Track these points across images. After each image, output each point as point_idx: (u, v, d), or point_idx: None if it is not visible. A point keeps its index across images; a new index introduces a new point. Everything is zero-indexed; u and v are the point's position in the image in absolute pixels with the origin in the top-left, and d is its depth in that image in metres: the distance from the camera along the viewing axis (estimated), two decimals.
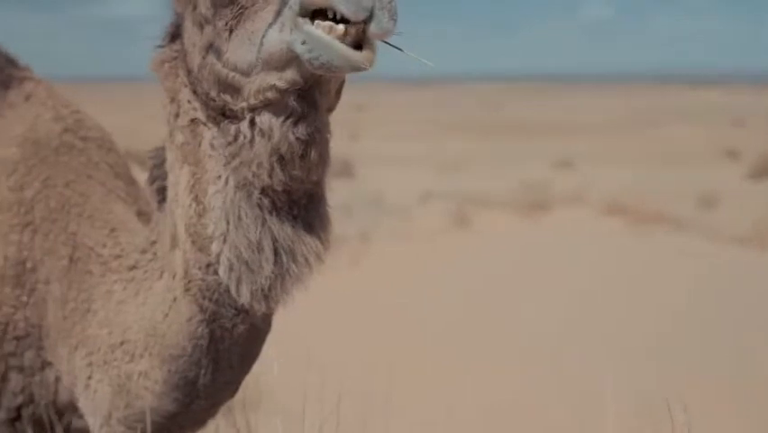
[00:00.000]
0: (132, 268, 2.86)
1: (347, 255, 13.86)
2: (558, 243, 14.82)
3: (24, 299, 3.01)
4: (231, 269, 2.40)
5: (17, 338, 3.00)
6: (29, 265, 3.04)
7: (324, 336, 10.35)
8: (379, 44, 2.17)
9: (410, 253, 13.89)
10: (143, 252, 2.85)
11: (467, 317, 11.06)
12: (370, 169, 27.25)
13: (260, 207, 2.36)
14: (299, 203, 2.40)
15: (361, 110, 73.69)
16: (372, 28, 2.07)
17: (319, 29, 2.09)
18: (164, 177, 2.69)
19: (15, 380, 3.01)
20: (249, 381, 2.88)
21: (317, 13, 2.10)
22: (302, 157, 2.29)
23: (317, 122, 2.30)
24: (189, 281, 2.57)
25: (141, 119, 27.93)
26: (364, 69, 2.12)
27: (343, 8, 2.04)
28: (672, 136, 42.04)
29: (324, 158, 2.38)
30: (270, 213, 2.37)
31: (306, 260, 2.40)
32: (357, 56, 2.09)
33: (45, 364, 3.01)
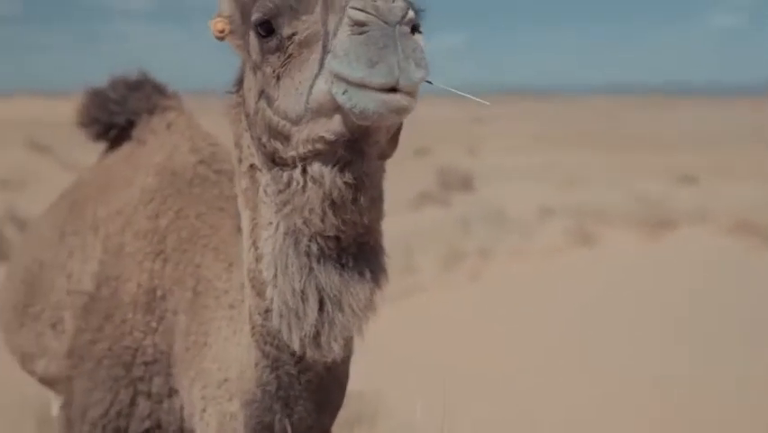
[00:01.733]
0: (232, 306, 2.89)
1: (467, 271, 13.85)
2: (682, 261, 14.45)
3: (154, 325, 3.10)
4: (281, 315, 2.40)
5: (146, 364, 3.09)
6: (159, 293, 3.13)
7: (443, 350, 10.39)
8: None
9: (530, 270, 13.77)
10: (241, 290, 2.85)
11: (589, 336, 10.90)
12: (489, 182, 27.12)
13: (307, 254, 2.35)
14: (348, 251, 2.37)
15: (480, 123, 73.54)
16: (402, 83, 2.02)
17: None
18: None
19: (143, 405, 3.08)
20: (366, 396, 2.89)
21: None
22: (353, 201, 2.28)
23: (365, 167, 2.26)
24: (253, 327, 2.60)
25: None
26: (403, 111, 2.08)
27: (376, 77, 2.01)
28: None
29: (375, 203, 2.38)
30: (318, 261, 2.35)
31: (353, 310, 2.37)
32: (393, 99, 2.04)
33: (172, 392, 3.08)
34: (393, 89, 2.04)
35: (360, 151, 2.23)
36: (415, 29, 2.11)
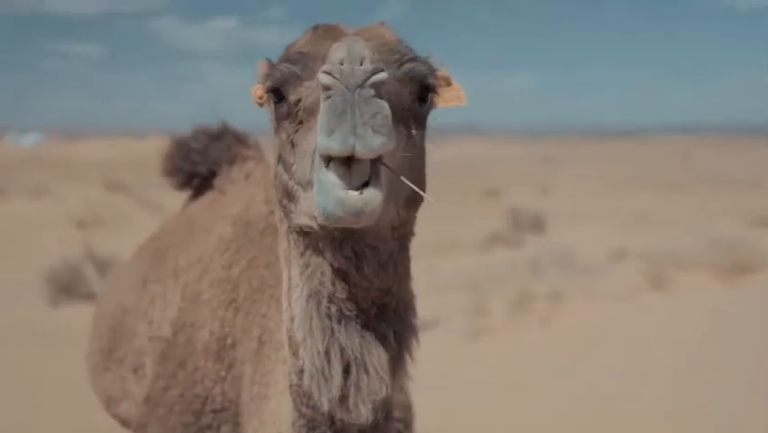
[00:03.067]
0: (285, 361, 2.84)
1: (538, 314, 13.75)
2: (762, 307, 14.11)
3: (223, 373, 3.15)
4: (311, 376, 2.38)
5: (215, 412, 3.13)
6: (229, 342, 3.18)
7: (513, 395, 10.31)
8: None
9: (602, 314, 13.61)
10: None
11: (664, 383, 10.71)
12: (561, 224, 26.93)
13: (328, 316, 2.33)
14: (369, 313, 2.36)
15: (552, 163, 73.11)
16: (358, 150, 1.93)
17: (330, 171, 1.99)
18: None
19: None
20: None
21: None
22: (357, 270, 2.28)
23: (366, 240, 2.26)
24: (290, 385, 2.59)
25: None
26: (361, 215, 1.98)
27: (332, 144, 1.93)
28: None
29: (386, 268, 2.35)
30: (339, 322, 2.34)
31: (378, 373, 2.34)
32: (350, 199, 1.96)
33: None
34: (365, 184, 1.97)
35: (351, 231, 2.22)
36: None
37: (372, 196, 1.97)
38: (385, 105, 1.97)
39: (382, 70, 2.00)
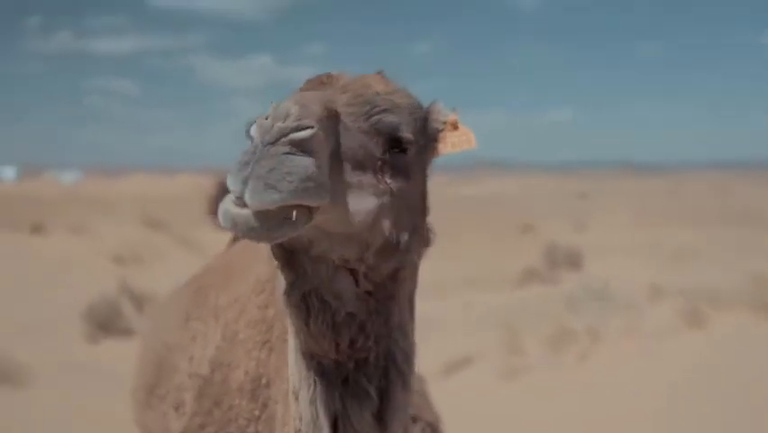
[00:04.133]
0: None
1: (575, 351, 13.66)
2: None
3: (257, 413, 3.13)
4: (306, 424, 2.44)
5: None
6: (264, 381, 3.16)
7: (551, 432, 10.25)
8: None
9: (640, 352, 13.49)
10: None
11: (704, 422, 10.58)
12: (597, 259, 26.80)
13: (310, 368, 2.40)
14: (346, 367, 2.39)
15: (587, 198, 72.84)
16: (246, 197, 2.02)
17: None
18: None
19: None
20: None
21: None
22: (306, 324, 2.34)
23: (316, 292, 2.31)
24: (295, 430, 2.59)
25: None
26: (243, 227, 2.05)
27: (229, 184, 2.05)
28: None
29: (344, 324, 2.35)
30: (320, 375, 2.39)
31: (363, 427, 2.38)
32: (230, 211, 2.05)
33: None
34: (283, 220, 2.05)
35: (294, 266, 2.31)
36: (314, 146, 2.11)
37: (246, 216, 2.03)
38: (300, 161, 2.04)
39: (306, 128, 2.07)
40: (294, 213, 2.05)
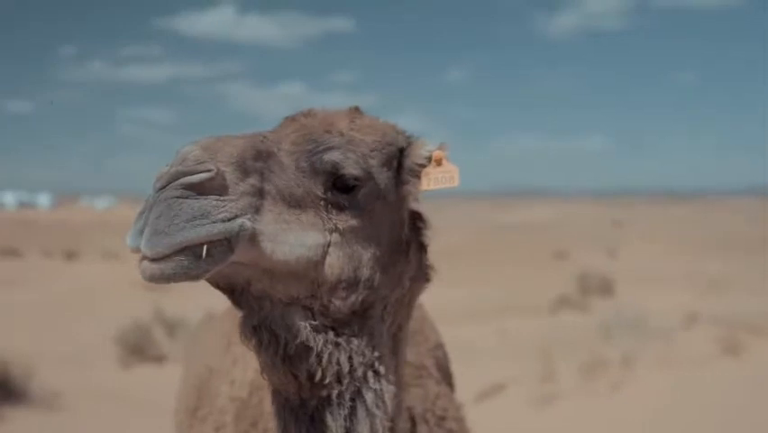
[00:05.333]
0: None
1: (607, 380, 13.53)
2: None
3: None
4: None
5: None
6: None
7: None
8: None
9: (675, 380, 13.33)
10: None
11: None
12: (630, 287, 26.62)
13: (279, 403, 2.40)
14: (309, 405, 2.37)
15: (620, 226, 72.46)
16: (142, 247, 2.05)
17: None
18: None
19: None
20: None
21: None
22: (259, 356, 2.34)
23: (265, 324, 2.29)
24: None
25: None
26: (158, 279, 2.07)
27: (126, 242, 2.08)
28: None
29: (299, 359, 2.32)
30: (288, 411, 2.38)
31: None
32: (142, 267, 2.07)
33: None
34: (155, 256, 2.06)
35: (240, 301, 2.30)
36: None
37: (153, 268, 2.06)
38: (190, 204, 2.06)
39: (201, 171, 2.08)
40: (204, 250, 2.06)
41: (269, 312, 2.29)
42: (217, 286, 2.28)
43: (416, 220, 2.60)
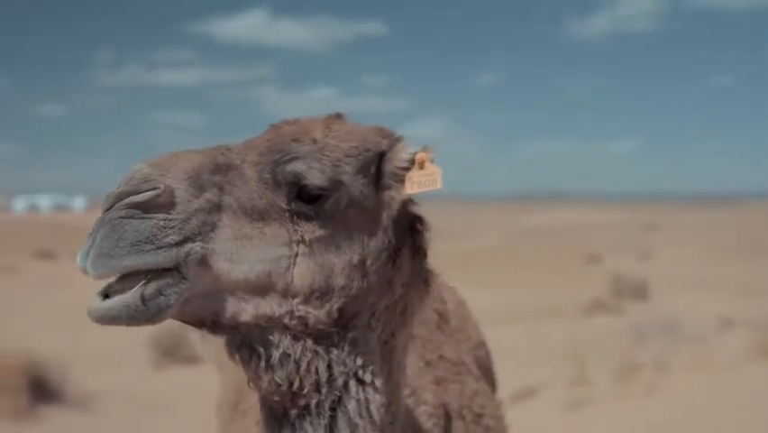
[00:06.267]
0: None
1: (642, 383, 13.45)
2: None
3: None
4: None
5: None
6: None
7: None
8: None
9: (710, 383, 13.23)
10: None
11: None
12: (664, 291, 26.45)
13: (266, 410, 2.40)
14: (290, 413, 2.36)
15: (654, 230, 71.94)
16: (88, 269, 2.07)
17: None
18: None
19: None
20: None
21: None
22: (244, 370, 2.35)
23: (238, 339, 2.29)
24: None
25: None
26: (106, 320, 2.09)
27: (77, 258, 2.09)
28: None
29: (277, 366, 2.30)
30: (274, 419, 2.38)
31: None
32: (91, 307, 2.10)
33: None
34: (107, 294, 2.09)
35: (216, 332, 2.30)
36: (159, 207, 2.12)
37: (107, 307, 2.09)
38: (136, 225, 2.07)
39: (148, 190, 2.09)
40: (154, 288, 2.09)
41: (248, 334, 2.28)
42: (186, 322, 2.27)
43: (414, 224, 2.53)
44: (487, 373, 3.67)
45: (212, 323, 2.26)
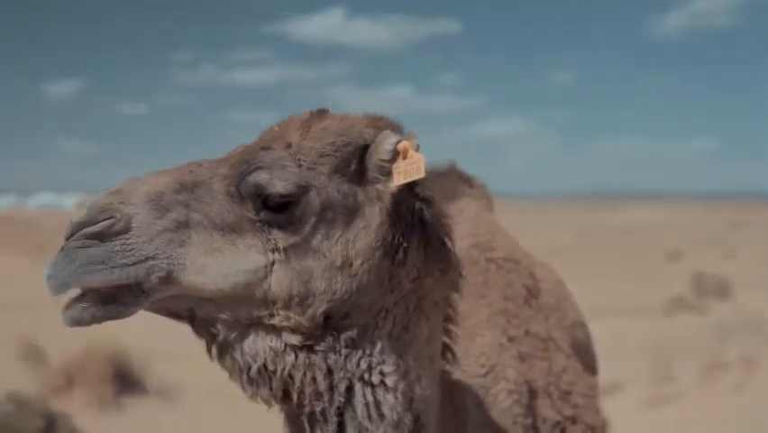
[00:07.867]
0: None
1: (729, 381, 13.18)
2: None
3: None
4: None
5: None
6: None
7: None
8: None
9: None
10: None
11: None
12: (747, 289, 25.86)
13: (285, 416, 2.43)
14: (300, 419, 2.35)
15: (739, 229, 70.55)
16: (44, 286, 2.12)
17: None
18: None
19: None
20: None
21: None
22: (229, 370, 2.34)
23: (221, 341, 2.30)
24: None
25: None
26: (76, 323, 2.16)
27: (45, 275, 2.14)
28: None
29: (267, 377, 2.30)
30: (289, 423, 2.40)
31: None
32: (64, 313, 2.15)
33: None
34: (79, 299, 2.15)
35: (196, 328, 2.32)
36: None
37: (65, 319, 2.16)
38: (87, 253, 2.12)
39: (99, 222, 2.14)
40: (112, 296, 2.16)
41: (227, 336, 2.28)
42: (161, 314, 2.30)
43: (422, 213, 2.45)
44: (584, 355, 3.58)
45: (188, 317, 2.29)
